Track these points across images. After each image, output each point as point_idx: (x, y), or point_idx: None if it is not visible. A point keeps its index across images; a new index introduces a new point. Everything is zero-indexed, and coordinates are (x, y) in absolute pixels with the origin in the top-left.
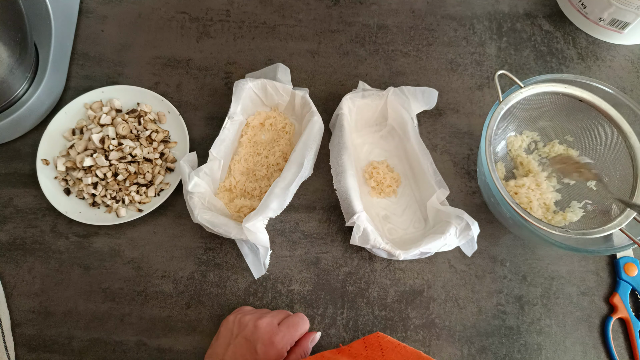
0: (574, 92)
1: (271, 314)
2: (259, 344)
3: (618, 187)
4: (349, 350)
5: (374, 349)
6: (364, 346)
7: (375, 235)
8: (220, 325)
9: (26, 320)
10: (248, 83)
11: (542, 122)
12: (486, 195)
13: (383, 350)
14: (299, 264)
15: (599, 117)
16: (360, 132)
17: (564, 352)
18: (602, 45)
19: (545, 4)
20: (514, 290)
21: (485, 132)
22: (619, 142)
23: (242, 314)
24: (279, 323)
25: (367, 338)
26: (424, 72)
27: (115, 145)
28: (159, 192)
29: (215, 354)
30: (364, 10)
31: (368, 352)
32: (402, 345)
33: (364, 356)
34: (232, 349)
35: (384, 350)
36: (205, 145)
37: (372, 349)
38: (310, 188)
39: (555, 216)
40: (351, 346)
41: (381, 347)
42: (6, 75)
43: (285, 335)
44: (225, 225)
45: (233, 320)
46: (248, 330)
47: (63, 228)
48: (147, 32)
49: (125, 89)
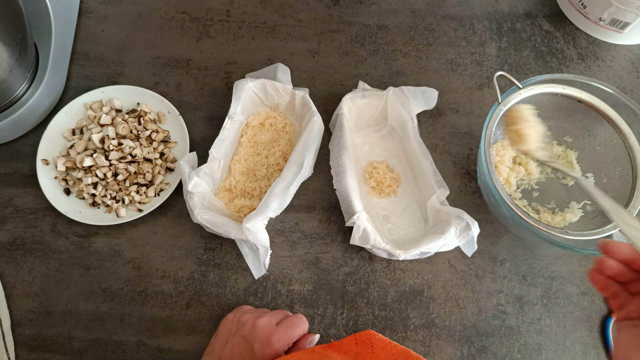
0: (572, 93)
1: (270, 313)
2: (257, 343)
3: (617, 188)
4: (339, 346)
5: (365, 346)
6: (355, 342)
7: (375, 235)
8: (219, 324)
9: (26, 320)
10: (248, 83)
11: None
12: (486, 195)
13: (373, 347)
14: (299, 264)
15: (598, 117)
16: (360, 132)
17: (564, 352)
18: (602, 45)
19: (545, 4)
20: (514, 290)
21: (485, 132)
22: (618, 143)
23: (242, 313)
24: (277, 323)
25: (359, 335)
26: (424, 72)
27: (115, 145)
28: (159, 192)
29: (213, 352)
30: (364, 10)
31: (358, 348)
32: (393, 344)
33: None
34: (230, 347)
35: (374, 347)
36: (205, 145)
37: (362, 345)
38: (310, 188)
39: (555, 217)
40: (342, 342)
41: (371, 344)
42: (6, 75)
43: (283, 336)
44: (225, 225)
45: (232, 318)
46: (246, 329)
47: (63, 228)
48: (147, 32)
49: (125, 89)
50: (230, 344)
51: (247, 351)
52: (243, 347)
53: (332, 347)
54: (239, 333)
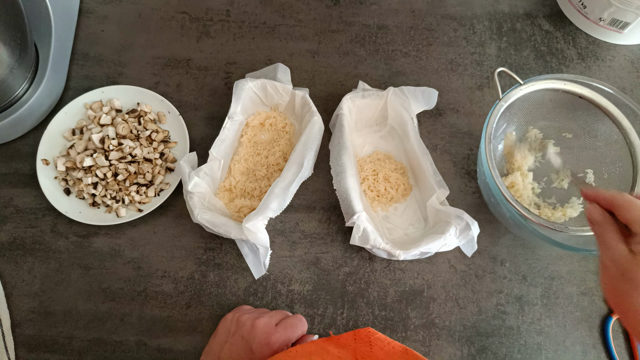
0: (573, 89)
1: (269, 314)
2: (255, 343)
3: (618, 184)
4: (337, 340)
5: (363, 343)
6: (354, 338)
7: (375, 235)
8: (218, 324)
9: (26, 320)
10: (248, 83)
11: (541, 120)
12: (486, 195)
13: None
14: (299, 264)
15: (598, 113)
16: (360, 132)
17: (564, 352)
18: (602, 45)
19: (545, 4)
20: (514, 290)
21: (485, 130)
22: (619, 139)
23: (241, 313)
24: (277, 324)
25: (358, 331)
26: (424, 72)
27: (115, 145)
28: (159, 192)
29: (212, 351)
30: (364, 10)
31: (357, 344)
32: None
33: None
34: (228, 347)
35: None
36: (205, 145)
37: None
38: (310, 188)
39: (555, 212)
40: (341, 336)
41: (370, 342)
42: (6, 75)
43: (282, 336)
44: (225, 225)
45: (231, 318)
46: (245, 329)
47: (63, 228)
48: (147, 32)
49: (125, 89)
50: (229, 344)
51: (246, 351)
52: (241, 347)
53: (330, 341)
54: (238, 333)
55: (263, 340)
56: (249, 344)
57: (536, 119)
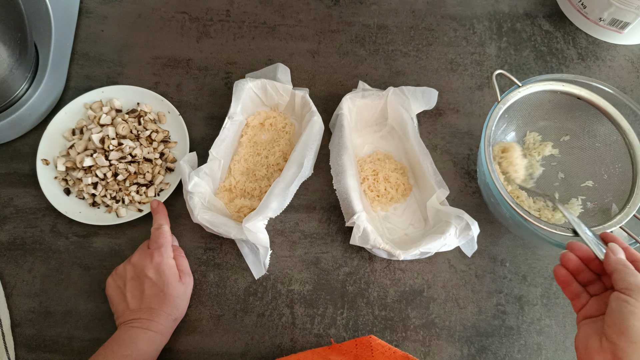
0: (572, 90)
1: (137, 250)
2: (149, 271)
3: (618, 185)
4: (339, 348)
5: (365, 349)
6: (355, 345)
7: (375, 235)
8: (106, 294)
9: (26, 320)
10: (248, 83)
11: (541, 121)
12: (486, 195)
13: (373, 351)
14: (299, 264)
15: (597, 114)
16: (360, 132)
17: (564, 352)
18: (602, 45)
19: (545, 4)
20: (514, 290)
21: (485, 132)
22: (618, 140)
23: (115, 269)
24: (148, 247)
25: (360, 339)
26: (424, 72)
27: (115, 145)
28: (159, 192)
29: (121, 310)
30: (364, 10)
31: (358, 350)
32: (393, 350)
33: (354, 354)
34: (130, 293)
35: (373, 351)
36: (205, 145)
37: (362, 348)
38: (310, 188)
39: (555, 213)
40: (342, 344)
41: (371, 348)
42: (6, 75)
43: (157, 249)
44: (225, 225)
45: (112, 278)
46: (129, 273)
47: (63, 228)
48: (147, 32)
49: (125, 89)
50: (129, 293)
51: (148, 285)
52: (141, 284)
53: (332, 349)
54: (127, 279)
55: (150, 265)
56: (142, 279)
57: (535, 119)
